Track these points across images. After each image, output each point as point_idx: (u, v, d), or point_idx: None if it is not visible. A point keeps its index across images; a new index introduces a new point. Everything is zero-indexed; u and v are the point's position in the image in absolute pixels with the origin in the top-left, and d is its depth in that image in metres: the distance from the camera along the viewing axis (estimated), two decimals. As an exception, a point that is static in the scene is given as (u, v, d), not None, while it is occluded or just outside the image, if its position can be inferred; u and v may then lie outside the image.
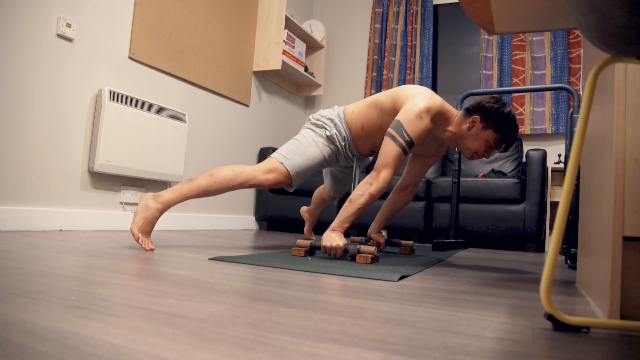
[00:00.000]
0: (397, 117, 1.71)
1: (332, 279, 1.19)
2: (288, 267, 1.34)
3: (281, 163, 1.79)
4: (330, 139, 1.89)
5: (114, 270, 1.09)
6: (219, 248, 1.84)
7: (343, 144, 1.91)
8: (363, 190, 1.68)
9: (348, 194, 3.36)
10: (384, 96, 1.85)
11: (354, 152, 1.96)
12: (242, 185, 1.71)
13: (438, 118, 1.78)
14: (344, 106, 1.96)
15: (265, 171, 1.75)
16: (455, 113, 1.83)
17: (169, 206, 1.62)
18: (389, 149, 1.69)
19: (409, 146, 1.69)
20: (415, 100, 1.72)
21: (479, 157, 1.82)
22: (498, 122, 1.72)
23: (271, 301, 0.84)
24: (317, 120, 1.93)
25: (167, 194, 1.62)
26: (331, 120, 1.91)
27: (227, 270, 1.23)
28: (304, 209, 2.64)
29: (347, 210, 1.68)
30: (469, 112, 1.77)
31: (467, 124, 1.76)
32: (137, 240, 1.56)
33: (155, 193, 1.60)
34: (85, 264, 1.15)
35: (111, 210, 2.46)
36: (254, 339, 0.59)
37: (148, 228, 1.59)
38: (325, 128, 1.90)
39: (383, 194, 3.22)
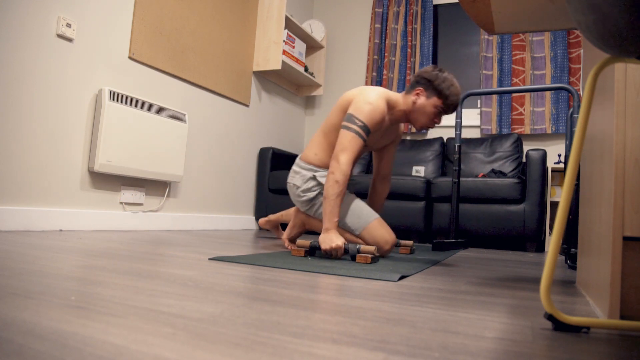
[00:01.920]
0: (349, 111, 1.79)
1: (332, 279, 1.19)
2: (288, 267, 1.34)
3: (374, 219, 1.90)
4: (318, 181, 1.92)
5: (114, 270, 1.09)
6: (219, 248, 1.84)
7: (319, 173, 1.94)
8: (330, 181, 1.72)
9: None
10: (330, 115, 1.93)
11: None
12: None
13: (387, 102, 1.86)
14: (296, 161, 2.03)
15: (387, 232, 1.89)
16: (399, 94, 1.92)
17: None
18: (343, 136, 1.75)
19: (363, 130, 1.75)
20: (361, 94, 1.80)
21: (430, 126, 1.90)
22: (440, 87, 1.81)
23: (271, 301, 0.84)
24: (305, 196, 1.94)
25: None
26: (312, 178, 1.93)
27: (227, 270, 1.23)
28: (267, 219, 2.58)
29: (327, 205, 1.70)
30: (412, 86, 1.88)
31: (413, 97, 1.86)
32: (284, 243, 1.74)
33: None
34: (85, 264, 1.15)
35: (111, 211, 2.46)
36: (254, 339, 0.59)
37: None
38: (315, 190, 1.93)
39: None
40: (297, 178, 1.96)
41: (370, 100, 1.76)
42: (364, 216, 1.90)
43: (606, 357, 0.62)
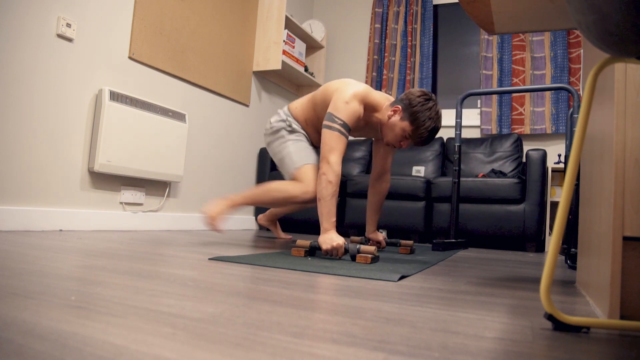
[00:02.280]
0: (328, 110, 1.82)
1: (332, 279, 1.19)
2: (288, 267, 1.34)
3: (305, 165, 1.92)
4: (294, 130, 2.03)
5: (114, 270, 1.09)
6: (219, 248, 1.84)
7: (304, 130, 2.06)
8: (323, 182, 1.73)
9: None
10: (318, 92, 1.99)
11: (310, 141, 2.12)
12: (304, 202, 1.91)
13: (365, 104, 1.87)
14: (287, 105, 2.18)
15: (312, 180, 1.89)
16: (384, 101, 1.91)
17: (235, 205, 1.96)
18: (327, 136, 1.77)
19: (344, 128, 1.77)
20: (341, 91, 1.83)
21: (396, 146, 1.89)
22: (416, 116, 1.76)
23: (271, 301, 0.84)
24: (273, 128, 2.07)
25: (235, 196, 1.94)
26: (282, 120, 2.06)
27: (227, 270, 1.23)
28: (262, 216, 2.71)
29: (324, 207, 1.71)
30: (395, 101, 1.88)
31: (390, 112, 1.84)
32: (211, 224, 1.89)
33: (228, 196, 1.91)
34: (85, 264, 1.15)
35: (111, 210, 2.46)
36: (254, 339, 0.59)
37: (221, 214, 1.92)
38: (283, 129, 2.04)
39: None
40: (274, 117, 2.10)
41: (346, 99, 1.79)
42: (302, 158, 1.94)
43: (606, 357, 0.62)
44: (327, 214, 1.69)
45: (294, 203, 1.88)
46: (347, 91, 1.80)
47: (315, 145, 2.14)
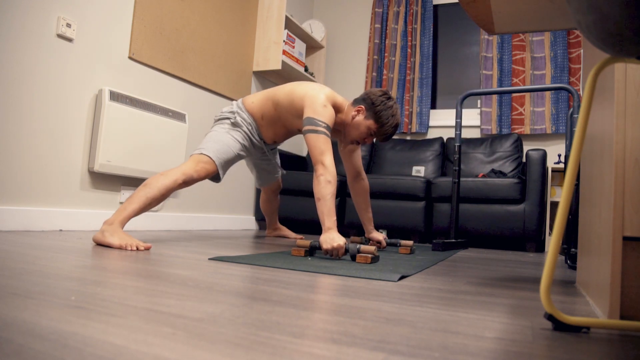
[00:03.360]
0: (306, 115, 1.84)
1: (332, 279, 1.19)
2: (288, 267, 1.34)
3: (202, 154, 1.90)
4: (236, 125, 2.04)
5: (114, 270, 1.09)
6: (219, 248, 1.84)
7: (250, 128, 2.07)
8: (322, 182, 1.73)
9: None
10: (281, 93, 2.00)
11: (261, 137, 2.13)
12: (176, 183, 1.78)
13: (333, 105, 1.94)
14: (242, 98, 2.18)
15: (191, 165, 1.85)
16: (346, 103, 1.99)
17: (123, 225, 1.66)
18: (315, 140, 1.79)
19: (328, 130, 1.82)
20: (313, 95, 1.87)
21: (360, 143, 1.99)
22: (380, 114, 1.88)
23: (271, 301, 0.84)
24: (220, 116, 2.09)
25: (117, 218, 1.64)
26: (232, 112, 2.07)
27: (227, 270, 1.23)
28: (267, 230, 2.82)
29: (324, 206, 1.71)
30: (357, 101, 1.95)
31: (353, 112, 1.93)
32: (130, 248, 1.55)
33: (106, 222, 1.65)
34: (85, 264, 1.15)
35: (111, 211, 2.46)
36: (254, 339, 0.59)
37: (126, 237, 1.61)
38: (228, 118, 2.05)
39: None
40: (227, 107, 2.12)
41: (323, 102, 1.85)
42: (209, 147, 1.93)
43: (606, 357, 0.62)
44: (327, 213, 1.70)
45: (176, 187, 1.79)
46: (320, 95, 1.87)
47: (267, 140, 2.15)
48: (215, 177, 1.98)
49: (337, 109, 1.96)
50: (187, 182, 1.82)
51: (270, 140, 2.16)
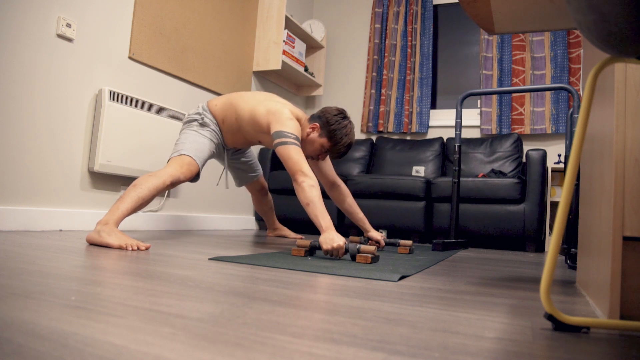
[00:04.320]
0: (274, 130, 1.85)
1: (332, 279, 1.19)
2: (288, 267, 1.34)
3: (182, 155, 1.91)
4: (204, 124, 2.06)
5: (114, 270, 1.09)
6: (219, 248, 1.84)
7: (215, 128, 2.09)
8: (306, 188, 1.73)
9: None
10: (243, 108, 2.00)
11: (224, 141, 2.16)
12: (165, 185, 1.79)
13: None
14: (208, 100, 2.20)
15: (177, 167, 1.86)
16: (304, 118, 2.03)
17: (117, 225, 1.66)
18: (288, 151, 1.80)
19: (297, 141, 1.84)
20: (278, 111, 1.90)
21: (314, 158, 2.03)
22: (334, 133, 1.91)
23: (271, 301, 0.84)
24: (187, 119, 2.11)
25: (110, 217, 1.64)
26: (198, 113, 2.09)
27: (227, 270, 1.23)
28: (268, 232, 2.85)
29: (315, 209, 1.71)
30: (313, 118, 1.98)
31: (308, 129, 1.96)
32: (131, 248, 1.55)
33: (99, 222, 1.64)
34: (85, 264, 1.15)
35: (111, 210, 2.46)
36: (254, 339, 0.59)
37: (126, 237, 1.61)
38: (195, 120, 2.07)
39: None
40: (193, 109, 2.14)
41: (289, 116, 1.89)
42: (188, 148, 1.95)
43: (606, 357, 0.62)
44: (320, 214, 1.70)
45: (164, 188, 1.81)
46: (285, 110, 1.90)
47: (227, 144, 2.17)
48: (195, 177, 2.00)
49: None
50: (174, 184, 1.84)
51: (230, 145, 2.19)
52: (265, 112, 1.93)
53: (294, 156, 1.78)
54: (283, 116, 1.88)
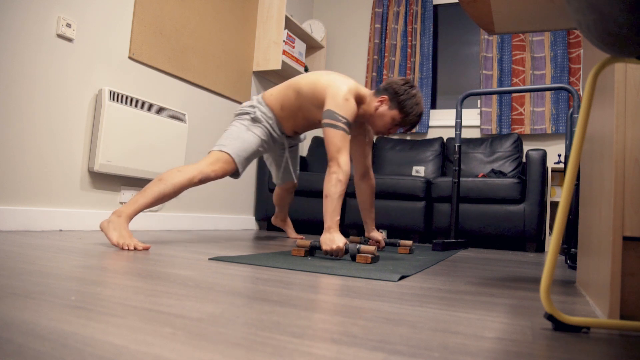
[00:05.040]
0: (327, 107, 1.79)
1: (332, 279, 1.19)
2: (288, 267, 1.34)
3: (221, 151, 1.86)
4: (256, 120, 2.00)
5: (114, 270, 1.09)
6: (219, 248, 1.84)
7: (270, 122, 2.03)
8: (331, 180, 1.71)
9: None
10: (303, 81, 1.95)
11: (282, 130, 2.09)
12: (192, 182, 1.75)
13: (356, 98, 1.88)
14: (262, 92, 2.14)
15: (210, 164, 1.82)
16: (368, 93, 1.94)
17: (132, 218, 1.64)
18: (333, 136, 1.75)
19: (347, 126, 1.77)
20: (337, 86, 1.82)
21: (385, 134, 1.96)
22: (404, 103, 1.85)
23: (271, 301, 0.84)
24: (239, 111, 2.05)
25: (126, 209, 1.63)
26: (252, 106, 2.03)
27: (227, 270, 1.23)
28: (273, 218, 2.77)
29: (329, 204, 1.69)
30: (379, 91, 1.90)
31: (376, 103, 1.89)
32: (127, 248, 1.54)
33: (114, 212, 1.63)
34: (85, 264, 1.15)
35: (111, 211, 2.46)
36: (254, 339, 0.59)
37: (127, 235, 1.60)
38: (248, 113, 2.02)
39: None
40: (247, 102, 2.09)
41: (345, 95, 1.80)
42: (229, 144, 1.90)
43: (606, 357, 0.62)
44: (332, 212, 1.68)
45: (191, 185, 1.78)
46: (343, 87, 1.81)
47: (287, 131, 2.11)
48: (234, 174, 1.95)
49: (360, 100, 1.91)
50: (203, 181, 1.79)
51: (291, 131, 2.11)
52: (326, 85, 1.85)
53: (337, 142, 1.74)
54: (339, 95, 1.79)
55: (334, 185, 1.69)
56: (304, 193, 3.47)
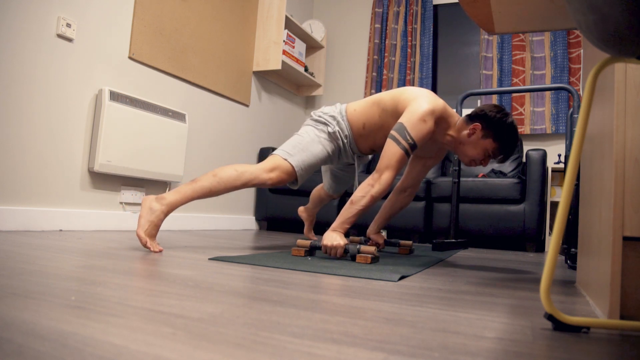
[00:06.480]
0: (401, 120, 1.68)
1: (332, 279, 1.19)
2: (288, 267, 1.34)
3: (285, 160, 1.76)
4: (332, 136, 1.87)
5: (114, 270, 1.09)
6: (219, 248, 1.84)
7: (345, 141, 1.89)
8: (364, 191, 1.66)
9: (348, 193, 3.36)
10: (387, 96, 1.83)
11: (354, 150, 1.94)
12: (245, 184, 1.68)
13: (440, 121, 1.77)
14: (346, 104, 1.97)
15: (268, 170, 1.72)
16: (457, 117, 1.81)
17: (173, 208, 1.60)
18: (391, 152, 1.66)
19: (411, 148, 1.67)
20: (419, 103, 1.69)
21: (476, 165, 1.82)
22: (499, 132, 1.70)
23: (271, 301, 0.84)
24: (320, 117, 1.91)
25: (170, 196, 1.60)
26: (334, 117, 1.89)
27: (227, 270, 1.23)
28: (301, 209, 2.65)
29: (348, 211, 1.67)
30: (471, 118, 1.76)
31: (468, 131, 1.75)
32: (144, 244, 1.54)
33: (159, 195, 1.59)
34: (85, 264, 1.15)
35: (111, 210, 2.46)
36: (254, 339, 0.59)
37: (154, 231, 1.57)
38: (328, 125, 1.88)
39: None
40: (329, 109, 1.94)
41: (424, 117, 1.67)
42: (292, 153, 1.78)
43: (606, 357, 0.62)
44: (346, 217, 1.66)
45: (243, 187, 1.72)
46: (425, 106, 1.68)
47: (363, 150, 1.95)
48: (292, 183, 1.86)
49: (445, 124, 1.79)
50: (256, 186, 1.72)
51: (368, 150, 1.96)
52: (411, 98, 1.74)
53: (392, 159, 1.66)
54: (418, 112, 1.67)
55: (363, 197, 1.66)
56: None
